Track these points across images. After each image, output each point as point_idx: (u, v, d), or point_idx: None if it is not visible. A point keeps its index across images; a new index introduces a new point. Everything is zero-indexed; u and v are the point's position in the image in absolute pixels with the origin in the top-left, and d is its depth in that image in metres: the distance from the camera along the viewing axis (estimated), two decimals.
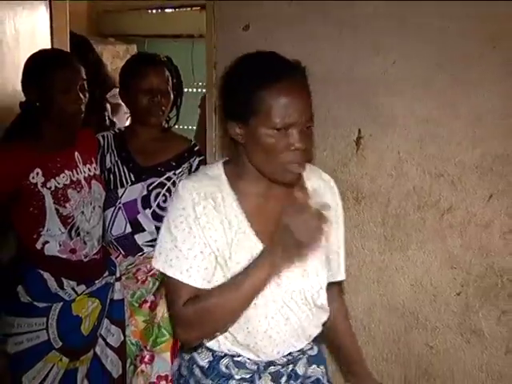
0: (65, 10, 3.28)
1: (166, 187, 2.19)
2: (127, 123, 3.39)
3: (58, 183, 2.00)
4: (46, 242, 2.00)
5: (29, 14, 2.97)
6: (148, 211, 2.18)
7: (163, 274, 1.41)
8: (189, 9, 4.22)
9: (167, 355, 2.20)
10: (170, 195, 2.17)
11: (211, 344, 1.45)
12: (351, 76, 2.10)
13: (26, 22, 2.92)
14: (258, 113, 1.32)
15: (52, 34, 3.15)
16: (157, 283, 2.20)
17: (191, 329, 1.39)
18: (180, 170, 2.22)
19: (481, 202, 2.01)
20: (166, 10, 4.56)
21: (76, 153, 2.09)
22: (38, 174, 1.96)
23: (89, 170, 2.12)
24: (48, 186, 1.98)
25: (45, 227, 1.99)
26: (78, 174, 2.07)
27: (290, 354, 1.48)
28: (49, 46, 2.98)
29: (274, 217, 1.35)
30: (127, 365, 2.23)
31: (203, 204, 1.36)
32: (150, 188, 2.18)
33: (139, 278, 2.20)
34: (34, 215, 1.97)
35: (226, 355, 1.45)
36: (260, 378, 1.46)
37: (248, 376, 1.45)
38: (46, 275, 2.02)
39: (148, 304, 2.20)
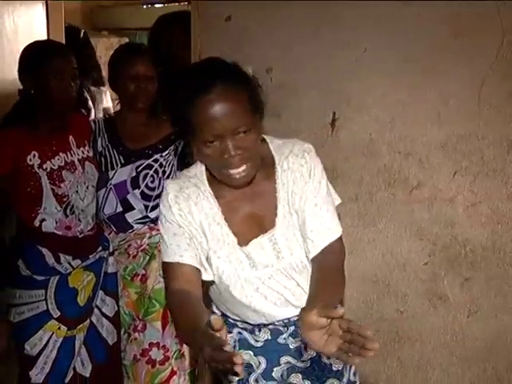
0: (60, 6, 3.40)
1: (153, 168, 2.27)
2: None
3: (54, 165, 2.09)
4: (43, 220, 2.10)
5: (27, 9, 3.07)
6: (137, 191, 2.26)
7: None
8: (176, 4, 4.32)
9: (158, 324, 2.31)
10: (157, 176, 2.28)
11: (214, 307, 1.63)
12: (327, 65, 2.17)
13: (25, 16, 3.01)
14: (190, 130, 1.37)
15: (48, 28, 3.26)
16: (147, 258, 2.30)
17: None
18: (167, 152, 2.30)
19: (446, 179, 2.11)
20: (156, 5, 4.68)
21: (70, 136, 2.17)
22: (34, 156, 2.05)
23: (82, 152, 2.19)
24: (44, 168, 2.06)
25: (42, 206, 2.08)
26: (72, 156, 2.14)
27: (287, 318, 1.55)
28: (45, 38, 3.09)
29: (244, 211, 1.48)
30: (121, 333, 2.34)
31: (176, 194, 1.48)
32: (139, 169, 2.26)
33: (130, 253, 2.30)
34: (32, 195, 2.06)
35: None
36: (260, 330, 1.58)
37: (250, 327, 1.58)
38: (44, 250, 2.12)
39: (139, 277, 2.30)
